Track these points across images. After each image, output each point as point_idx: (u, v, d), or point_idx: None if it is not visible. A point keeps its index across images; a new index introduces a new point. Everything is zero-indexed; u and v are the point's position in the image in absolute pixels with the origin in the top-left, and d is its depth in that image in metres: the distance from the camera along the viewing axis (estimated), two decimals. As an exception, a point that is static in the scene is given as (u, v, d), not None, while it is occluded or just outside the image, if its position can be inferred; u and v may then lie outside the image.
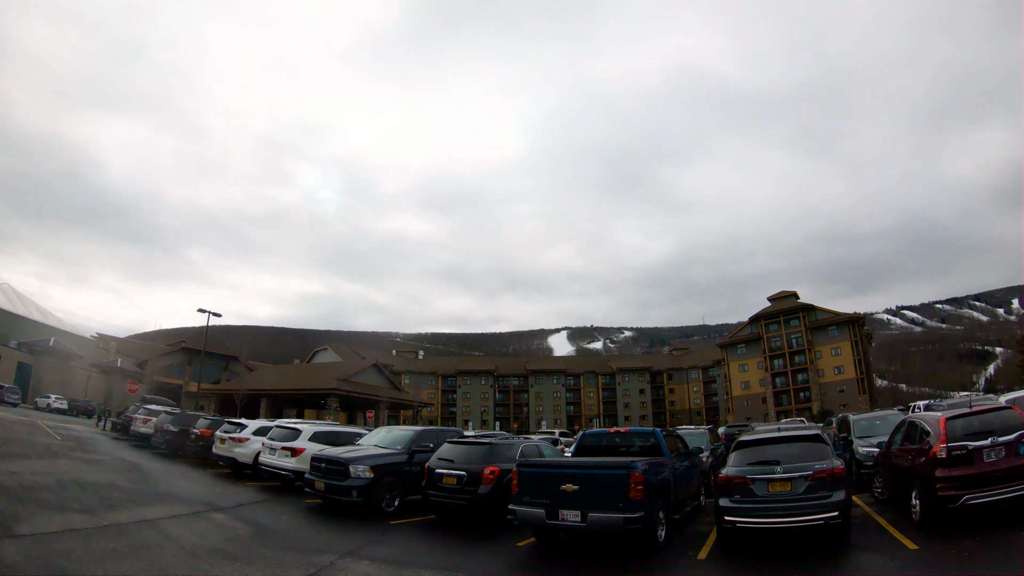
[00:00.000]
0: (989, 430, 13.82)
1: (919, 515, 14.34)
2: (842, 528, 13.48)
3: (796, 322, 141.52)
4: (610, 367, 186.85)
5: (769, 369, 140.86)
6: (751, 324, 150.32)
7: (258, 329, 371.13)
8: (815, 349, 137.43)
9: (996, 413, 14.70)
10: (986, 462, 13.39)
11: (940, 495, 13.38)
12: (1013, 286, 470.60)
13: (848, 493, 13.60)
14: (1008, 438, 13.50)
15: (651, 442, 17.92)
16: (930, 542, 13.08)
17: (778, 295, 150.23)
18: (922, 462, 14.36)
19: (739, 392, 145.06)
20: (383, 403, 74.02)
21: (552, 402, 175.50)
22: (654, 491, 13.85)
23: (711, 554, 13.82)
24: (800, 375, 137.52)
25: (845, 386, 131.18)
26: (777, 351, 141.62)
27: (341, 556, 12.88)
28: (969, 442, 13.62)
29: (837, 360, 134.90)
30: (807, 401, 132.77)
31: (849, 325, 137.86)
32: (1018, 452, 13.42)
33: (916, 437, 15.57)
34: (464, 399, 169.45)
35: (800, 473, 13.34)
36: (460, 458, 17.77)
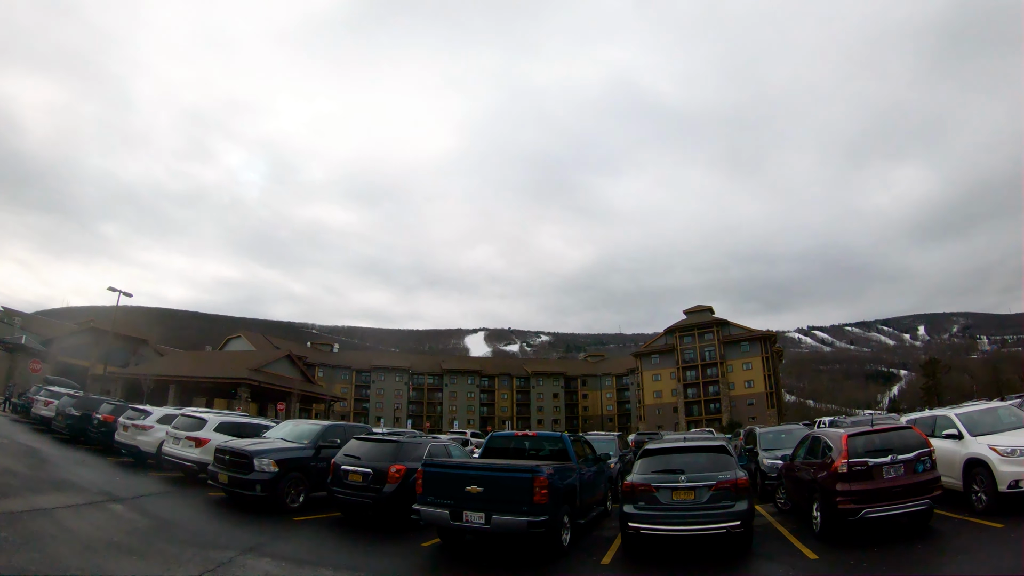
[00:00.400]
0: (889, 448, 14.41)
1: (820, 526, 14.84)
2: (744, 537, 13.69)
3: (710, 336, 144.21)
4: (525, 370, 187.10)
5: (682, 380, 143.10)
6: (666, 335, 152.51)
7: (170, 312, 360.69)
8: (727, 363, 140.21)
9: (897, 432, 15.36)
10: (885, 478, 13.96)
11: (840, 508, 13.86)
12: (919, 314, 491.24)
13: (751, 503, 13.85)
14: (907, 456, 14.15)
15: (559, 447, 17.94)
16: (829, 552, 13.48)
17: (694, 309, 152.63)
18: (824, 476, 14.80)
19: (651, 401, 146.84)
20: (295, 396, 72.83)
21: (466, 402, 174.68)
22: (559, 495, 13.86)
23: (615, 559, 13.90)
24: (711, 387, 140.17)
25: (754, 400, 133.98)
26: (690, 363, 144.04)
27: (242, 552, 12.53)
28: (870, 459, 14.14)
29: (748, 374, 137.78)
30: (717, 412, 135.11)
31: (761, 342, 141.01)
32: (916, 470, 14.09)
33: (819, 452, 16.01)
34: (378, 395, 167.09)
35: (704, 483, 13.56)
36: (367, 455, 17.43)
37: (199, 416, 23.80)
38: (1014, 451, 15.21)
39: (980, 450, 15.99)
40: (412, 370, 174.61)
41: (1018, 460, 15.02)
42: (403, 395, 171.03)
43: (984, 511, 15.37)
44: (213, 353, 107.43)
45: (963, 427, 17.30)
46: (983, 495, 15.61)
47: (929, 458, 14.45)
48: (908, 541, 13.68)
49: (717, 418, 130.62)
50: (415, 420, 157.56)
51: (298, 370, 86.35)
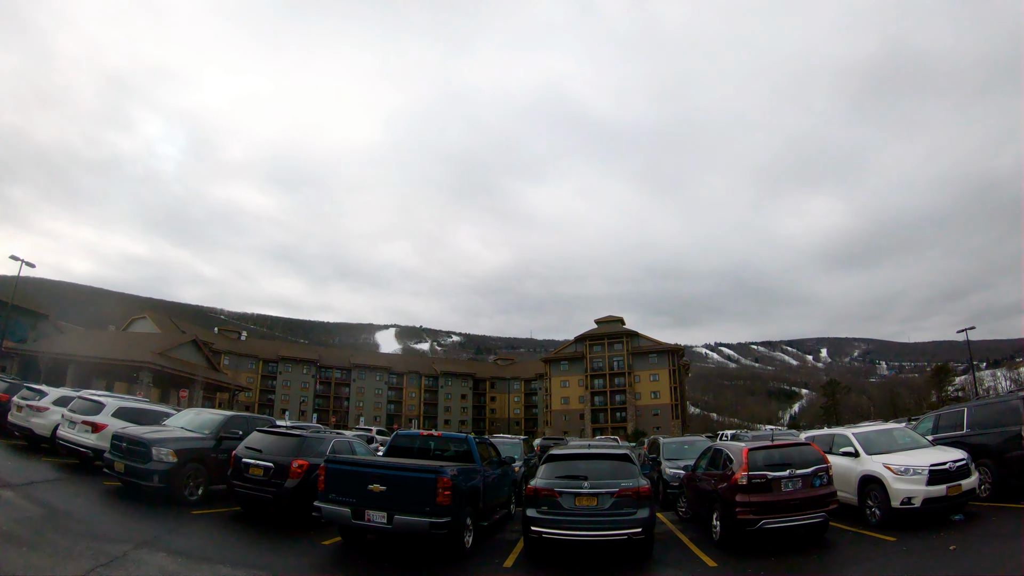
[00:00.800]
0: (788, 463, 14.96)
1: (719, 535, 15.24)
2: (645, 544, 13.87)
3: (620, 346, 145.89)
4: (435, 369, 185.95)
5: (589, 387, 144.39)
6: (576, 343, 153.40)
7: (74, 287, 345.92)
8: (635, 373, 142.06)
9: (796, 448, 16.04)
10: (784, 491, 14.48)
11: (739, 518, 14.28)
12: (823, 337, 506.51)
13: (652, 511, 14.06)
14: (805, 471, 14.73)
15: (463, 448, 17.84)
16: (728, 560, 13.84)
17: (605, 319, 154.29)
18: (724, 487, 15.18)
19: (558, 407, 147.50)
20: (199, 383, 71.04)
21: (373, 399, 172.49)
22: (463, 497, 13.81)
23: (517, 562, 13.93)
24: (618, 396, 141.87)
25: (660, 410, 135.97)
26: (599, 371, 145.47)
27: (136, 546, 12.04)
28: (769, 472, 14.64)
29: (655, 385, 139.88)
30: (623, 421, 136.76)
31: (669, 354, 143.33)
32: (813, 484, 14.70)
33: (720, 463, 16.42)
34: (284, 387, 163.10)
35: (607, 490, 13.65)
36: (269, 448, 16.94)
37: (97, 399, 22.59)
38: (907, 470, 15.89)
39: (875, 468, 16.63)
40: (320, 363, 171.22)
41: (911, 479, 15.72)
42: (310, 388, 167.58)
43: (878, 525, 16.01)
44: (116, 333, 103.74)
45: (859, 446, 17.92)
46: (877, 510, 16.27)
47: (826, 473, 15.07)
48: (804, 551, 14.16)
49: (623, 426, 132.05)
50: (321, 415, 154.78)
51: (203, 356, 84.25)
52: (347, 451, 18.85)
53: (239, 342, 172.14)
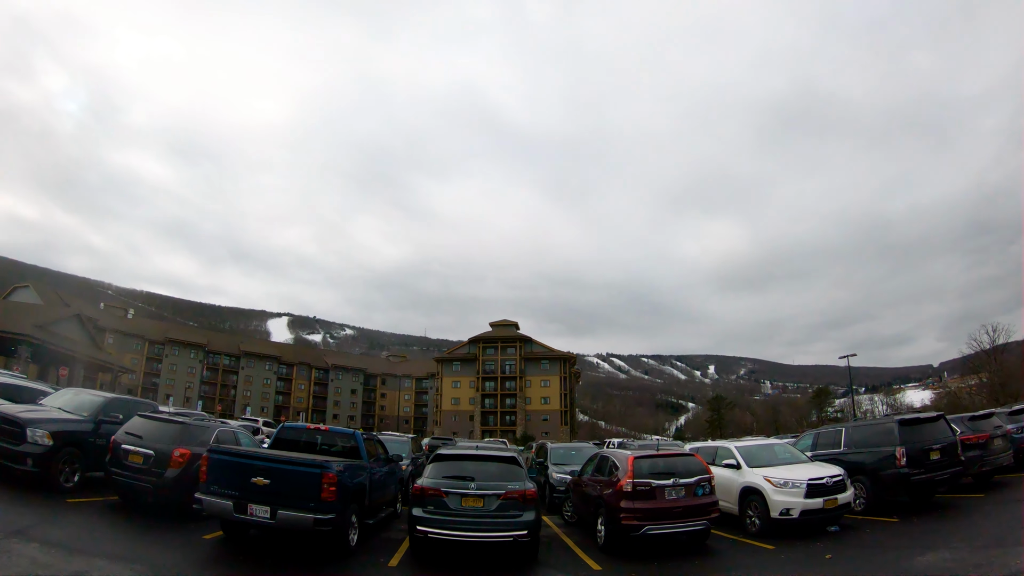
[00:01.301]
0: (672, 472, 15.42)
1: (604, 539, 15.49)
2: (531, 546, 13.93)
3: (512, 350, 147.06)
4: (326, 362, 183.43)
5: (480, 389, 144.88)
6: (470, 344, 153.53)
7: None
8: (526, 378, 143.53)
9: (680, 458, 16.51)
10: (667, 499, 14.93)
11: (624, 523, 14.57)
12: (711, 354, 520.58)
13: (538, 514, 14.17)
14: (688, 480, 15.23)
15: (351, 444, 17.48)
16: (612, 564, 14.07)
17: (500, 322, 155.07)
18: (610, 493, 15.43)
19: (449, 407, 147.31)
20: (80, 361, 68.47)
21: (262, 388, 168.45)
22: (348, 494, 13.59)
23: (402, 562, 13.79)
24: (509, 399, 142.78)
25: (549, 416, 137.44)
26: (491, 374, 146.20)
27: (6, 535, 11.36)
28: (653, 480, 15.03)
29: (545, 391, 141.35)
30: (512, 424, 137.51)
31: (561, 362, 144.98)
32: (696, 493, 15.20)
33: (607, 470, 16.70)
34: (170, 371, 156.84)
35: (493, 491, 13.67)
36: (150, 435, 16.12)
37: (-33, 374, 21.47)
38: (786, 483, 16.66)
39: (756, 480, 17.34)
40: (209, 348, 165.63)
41: (789, 491, 16.50)
42: (196, 374, 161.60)
43: (757, 534, 16.75)
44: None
45: (741, 458, 18.67)
46: (757, 520, 17.00)
47: (708, 483, 15.60)
48: (686, 557, 14.73)
49: (512, 430, 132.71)
50: (207, 402, 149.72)
51: (87, 333, 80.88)
52: (231, 442, 18.16)
53: (126, 320, 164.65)
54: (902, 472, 18.31)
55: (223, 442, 17.22)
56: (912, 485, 18.37)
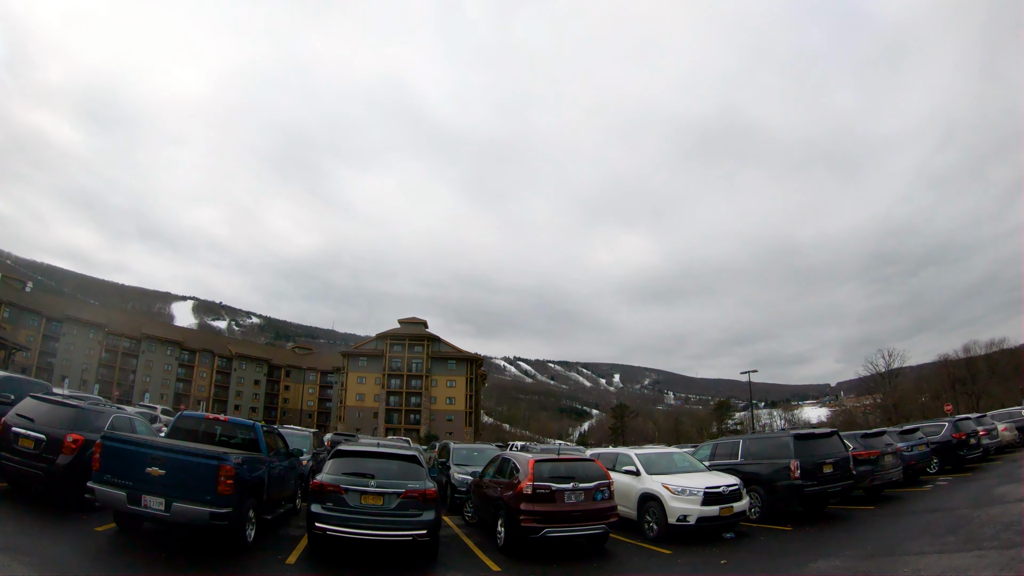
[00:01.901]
0: (572, 476, 15.54)
1: (503, 541, 15.52)
2: (430, 546, 13.86)
3: (420, 348, 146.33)
4: (230, 351, 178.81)
5: (386, 386, 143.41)
6: (377, 340, 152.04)
7: None
8: (432, 377, 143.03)
9: (581, 463, 16.78)
10: (567, 503, 15.00)
11: (523, 525, 14.60)
12: (617, 363, 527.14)
13: (438, 514, 14.00)
14: (588, 485, 15.38)
15: (250, 436, 17.02)
16: (512, 566, 14.10)
17: (409, 320, 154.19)
18: (510, 495, 15.42)
19: (353, 403, 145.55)
20: (-28, 336, 65.79)
21: (162, 375, 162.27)
22: (246, 487, 13.23)
23: (300, 559, 13.54)
24: (414, 398, 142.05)
25: (454, 416, 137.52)
26: (397, 371, 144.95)
27: None
28: (553, 484, 15.09)
29: (451, 391, 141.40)
30: (417, 423, 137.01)
31: (468, 362, 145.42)
32: (595, 498, 15.34)
33: (508, 472, 16.72)
34: (67, 351, 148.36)
35: (393, 490, 13.51)
36: (43, 418, 15.39)
37: None
38: (684, 491, 17.00)
39: (654, 487, 17.63)
40: (108, 329, 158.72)
41: (687, 499, 16.83)
42: (95, 355, 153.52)
43: (655, 539, 17.04)
44: None
45: (641, 465, 18.94)
46: (655, 525, 17.28)
47: (608, 488, 15.77)
48: (585, 560, 14.87)
49: (416, 429, 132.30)
50: (104, 386, 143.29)
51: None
52: (127, 429, 17.39)
53: (24, 294, 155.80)
54: (796, 484, 18.97)
55: (118, 429, 16.45)
56: (805, 496, 19.11)
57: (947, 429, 30.09)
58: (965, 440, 29.58)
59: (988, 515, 16.68)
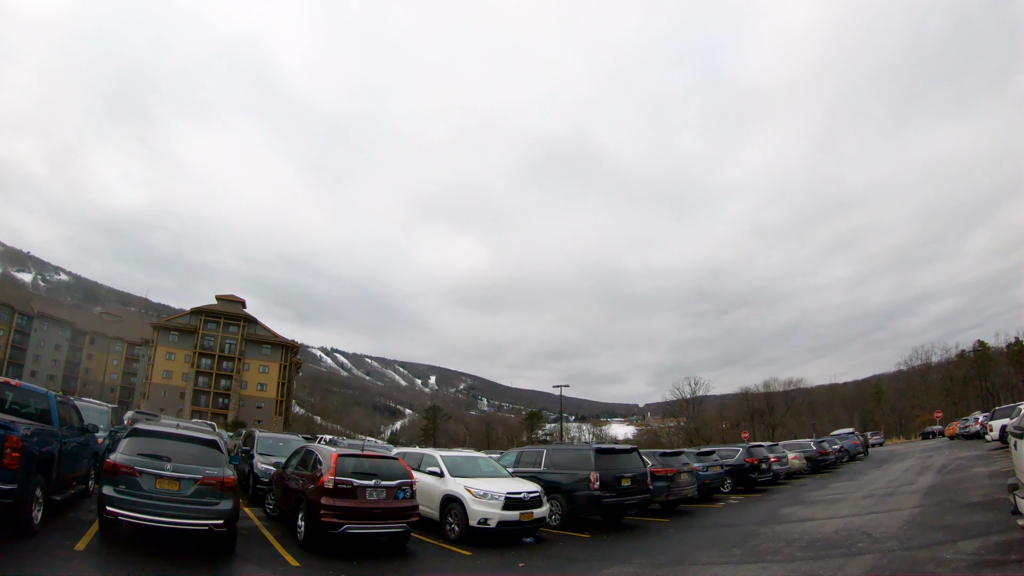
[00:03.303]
0: (376, 473, 15.46)
1: (304, 536, 15.06)
2: (227, 537, 13.33)
3: (235, 329, 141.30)
4: (32, 308, 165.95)
5: (196, 366, 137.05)
6: (192, 315, 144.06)
7: None
8: (246, 361, 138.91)
9: (385, 460, 16.55)
10: (368, 499, 14.87)
11: (323, 520, 14.29)
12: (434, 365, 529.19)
13: (236, 504, 13.48)
14: (390, 483, 15.36)
15: (42, 406, 15.46)
16: (311, 561, 13.73)
17: (227, 297, 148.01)
18: (312, 488, 15.06)
19: (160, 380, 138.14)
20: None
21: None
22: (33, 463, 12.06)
23: (90, 546, 12.58)
24: (224, 381, 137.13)
25: (265, 403, 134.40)
26: (209, 351, 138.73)
27: None
28: (355, 479, 14.92)
29: (263, 378, 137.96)
30: (225, 408, 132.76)
31: (284, 349, 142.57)
32: (397, 496, 15.33)
33: (311, 465, 16.32)
34: None
35: (190, 475, 12.85)
36: None
37: None
38: (486, 494, 17.22)
39: (457, 489, 17.75)
40: None
41: (488, 502, 17.07)
42: None
43: (456, 540, 17.15)
44: None
45: (445, 467, 19.02)
46: (456, 527, 17.39)
47: (410, 488, 15.77)
48: (386, 559, 14.74)
49: (224, 413, 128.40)
50: None
51: None
52: None
53: None
54: (595, 494, 19.72)
55: None
56: (604, 507, 19.89)
57: (741, 454, 32.80)
58: (757, 464, 32.01)
59: (773, 532, 17.95)
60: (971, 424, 63.34)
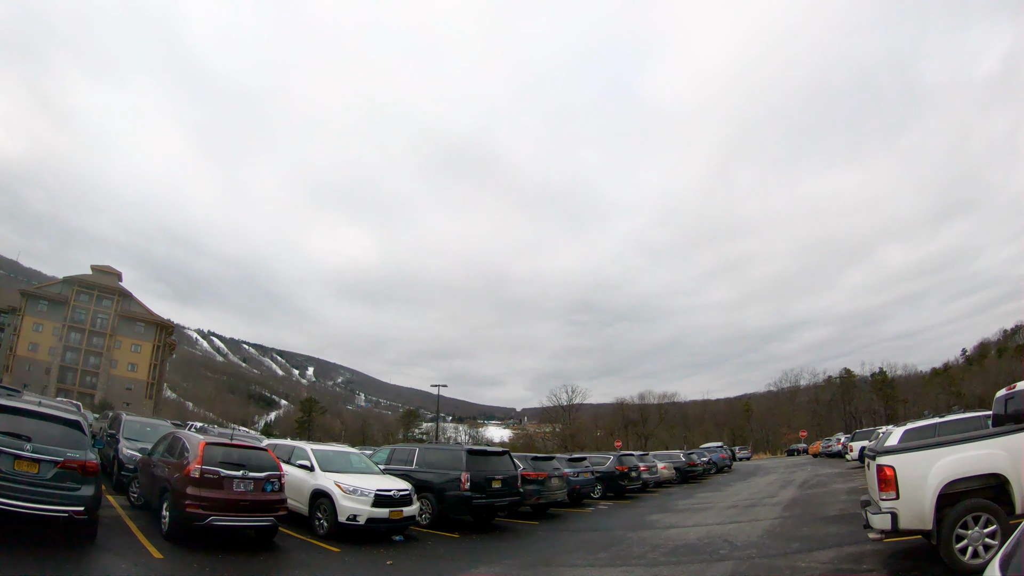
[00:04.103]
0: (244, 464, 15.10)
1: (168, 526, 14.56)
2: (89, 525, 12.73)
3: (109, 303, 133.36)
4: None
5: (64, 340, 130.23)
6: (63, 284, 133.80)
7: None
8: (118, 338, 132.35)
9: (254, 451, 16.24)
10: (235, 491, 14.54)
11: (188, 511, 13.85)
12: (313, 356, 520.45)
13: (98, 490, 12.89)
14: (258, 475, 15.04)
15: None
16: (175, 554, 13.31)
17: (103, 268, 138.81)
18: (177, 477, 14.61)
19: (25, 352, 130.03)
20: None
21: None
22: None
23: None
24: (94, 358, 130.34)
25: (135, 385, 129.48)
26: (79, 324, 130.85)
27: None
28: (222, 469, 14.55)
29: (135, 357, 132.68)
30: (93, 387, 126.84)
31: (158, 329, 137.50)
32: (265, 489, 15.03)
33: (178, 452, 15.81)
34: None
35: (51, 457, 12.19)
36: None
37: None
38: (355, 490, 17.16)
39: (327, 484, 17.58)
40: None
41: (358, 498, 17.01)
42: None
43: (325, 536, 16.98)
44: None
45: (316, 461, 18.83)
46: (325, 522, 17.24)
47: (279, 480, 15.53)
48: (252, 552, 14.51)
49: (91, 393, 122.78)
50: None
51: None
52: None
53: None
54: (465, 495, 20.01)
55: None
56: (474, 507, 20.24)
57: (612, 461, 33.81)
58: (627, 472, 33.08)
59: (639, 537, 18.58)
60: (833, 444, 67.86)
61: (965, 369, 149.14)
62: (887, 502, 11.28)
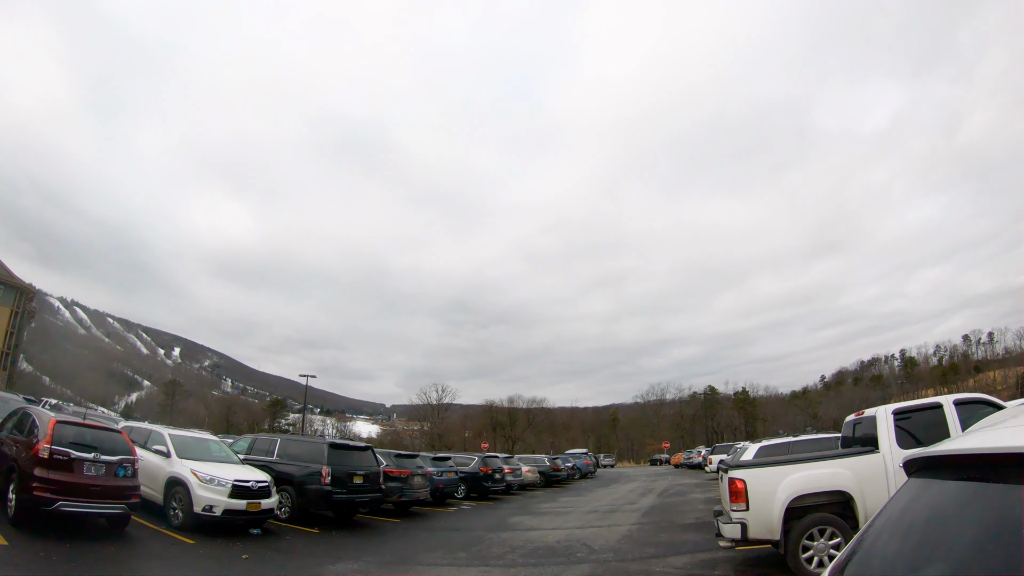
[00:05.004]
0: (97, 446, 14.40)
1: (14, 510, 13.69)
2: None
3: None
4: None
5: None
6: None
7: None
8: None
9: (108, 433, 15.53)
10: (86, 475, 13.84)
11: (35, 495, 13.13)
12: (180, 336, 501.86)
13: None
14: (111, 459, 14.35)
15: None
16: (21, 540, 12.59)
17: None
18: (25, 457, 13.88)
19: None
20: None
21: None
22: None
23: None
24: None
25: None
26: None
27: None
28: (73, 451, 13.83)
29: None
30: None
31: (18, 293, 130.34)
32: (117, 474, 14.36)
33: (27, 429, 14.99)
34: None
35: None
36: None
37: None
38: (212, 480, 16.67)
39: (183, 472, 16.97)
40: None
41: (215, 488, 16.52)
42: None
43: (179, 526, 16.41)
44: None
45: (172, 447, 18.14)
46: (180, 512, 16.63)
47: (132, 465, 14.89)
48: (103, 541, 13.82)
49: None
50: None
51: None
52: None
53: None
54: (326, 489, 19.74)
55: None
56: (334, 502, 19.94)
57: (476, 462, 34.31)
58: (491, 474, 33.57)
59: (499, 538, 18.87)
60: (694, 456, 70.72)
61: (822, 394, 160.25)
62: (737, 513, 12.00)
